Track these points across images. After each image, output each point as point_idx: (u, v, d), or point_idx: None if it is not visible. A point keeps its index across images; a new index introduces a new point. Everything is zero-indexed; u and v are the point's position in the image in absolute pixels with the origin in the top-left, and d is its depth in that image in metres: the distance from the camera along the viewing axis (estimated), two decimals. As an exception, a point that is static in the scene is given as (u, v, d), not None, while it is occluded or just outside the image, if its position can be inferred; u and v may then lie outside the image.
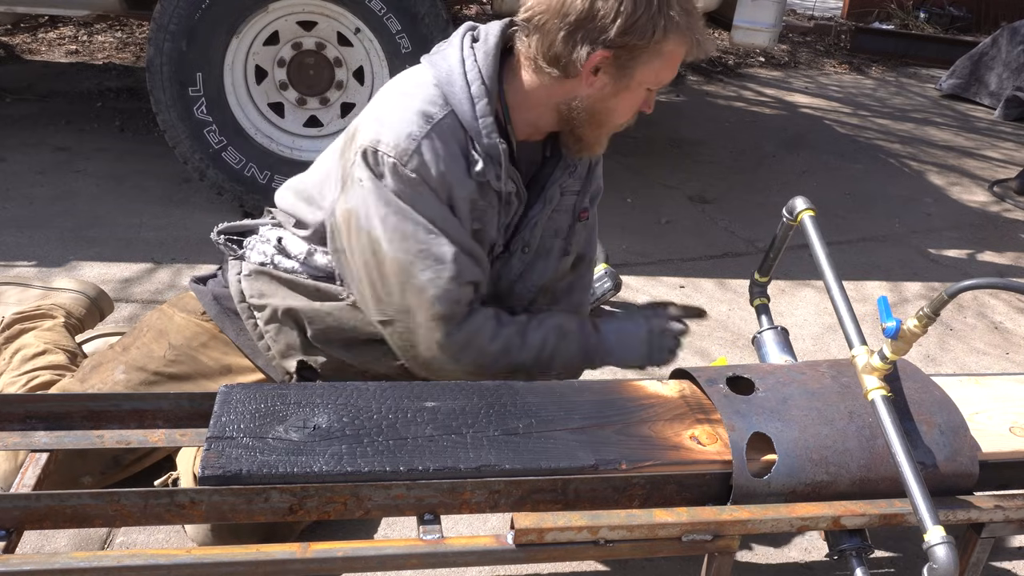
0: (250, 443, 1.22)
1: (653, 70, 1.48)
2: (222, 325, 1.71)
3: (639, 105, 1.55)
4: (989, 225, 3.96)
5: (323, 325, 1.62)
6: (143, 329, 1.75)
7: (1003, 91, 6.10)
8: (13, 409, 1.36)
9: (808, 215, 1.56)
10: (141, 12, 3.19)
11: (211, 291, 1.75)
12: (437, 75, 1.50)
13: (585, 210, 1.73)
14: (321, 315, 1.61)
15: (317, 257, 1.64)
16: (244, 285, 1.67)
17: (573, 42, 1.43)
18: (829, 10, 9.33)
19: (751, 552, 1.78)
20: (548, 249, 1.67)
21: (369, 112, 1.52)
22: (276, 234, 1.69)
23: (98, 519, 1.16)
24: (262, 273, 1.66)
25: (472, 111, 1.47)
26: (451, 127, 1.47)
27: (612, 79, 1.48)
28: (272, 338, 1.65)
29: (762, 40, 3.45)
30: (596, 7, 1.40)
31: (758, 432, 1.31)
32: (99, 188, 3.37)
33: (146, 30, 4.11)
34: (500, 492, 1.23)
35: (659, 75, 1.50)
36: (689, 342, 2.62)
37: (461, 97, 1.47)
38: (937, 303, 1.26)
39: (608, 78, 1.48)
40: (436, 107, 1.47)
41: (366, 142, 1.46)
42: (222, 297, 1.73)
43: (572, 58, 1.44)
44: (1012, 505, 1.34)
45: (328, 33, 3.07)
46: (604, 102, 1.51)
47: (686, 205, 3.80)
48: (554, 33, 1.44)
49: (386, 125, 1.46)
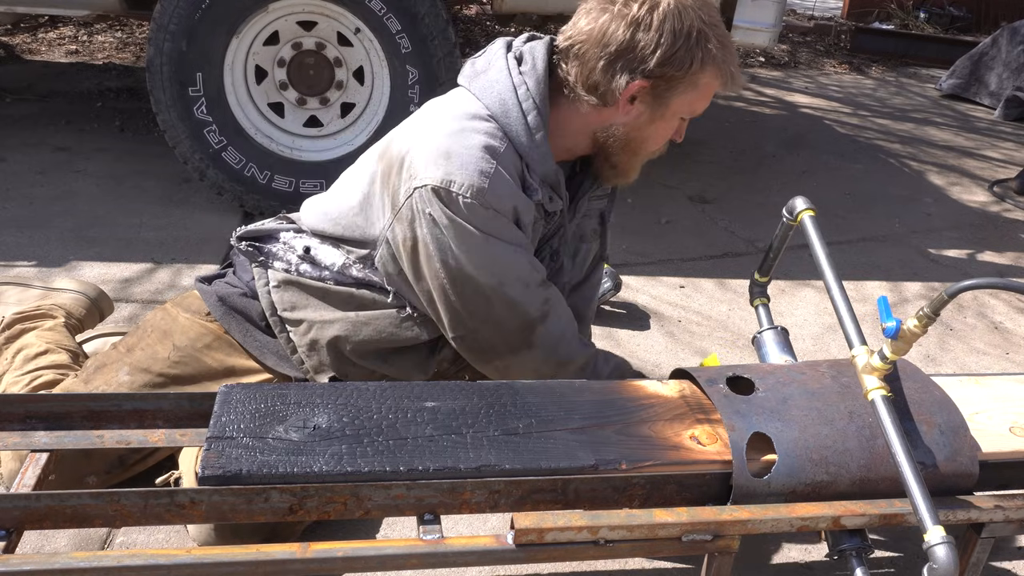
0: (250, 443, 1.22)
1: (688, 100, 1.53)
2: (228, 326, 1.71)
3: (672, 134, 1.60)
4: (989, 225, 3.96)
5: (360, 337, 1.63)
6: (147, 329, 1.75)
7: (1003, 91, 6.10)
8: (13, 409, 1.36)
9: (808, 215, 1.56)
10: (141, 12, 3.19)
11: (215, 292, 1.74)
12: (490, 105, 1.51)
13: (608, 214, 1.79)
14: (359, 326, 1.63)
15: (352, 270, 1.64)
16: (275, 297, 1.67)
17: (612, 71, 1.47)
18: (829, 10, 9.33)
19: (751, 552, 1.78)
20: (573, 254, 1.72)
21: (424, 146, 1.49)
22: (303, 243, 1.68)
23: (98, 519, 1.16)
24: (290, 283, 1.66)
25: (531, 140, 1.50)
26: (510, 157, 1.50)
27: (648, 108, 1.52)
28: (306, 354, 1.67)
29: (762, 40, 3.45)
30: (637, 38, 1.44)
31: (758, 432, 1.31)
32: (99, 188, 3.37)
33: (146, 30, 4.11)
34: (500, 492, 1.23)
35: (693, 105, 1.55)
36: (689, 342, 2.63)
37: (518, 128, 1.49)
38: (937, 303, 1.26)
39: (644, 107, 1.52)
40: (497, 140, 1.48)
41: (434, 181, 1.44)
42: (227, 297, 1.72)
43: (611, 87, 1.48)
44: (1012, 505, 1.34)
45: (328, 33, 3.07)
46: (639, 130, 1.55)
47: (686, 205, 3.80)
48: (594, 62, 1.47)
49: (454, 164, 1.45)
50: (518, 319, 1.55)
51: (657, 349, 2.57)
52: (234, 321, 1.71)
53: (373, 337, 1.63)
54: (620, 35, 1.44)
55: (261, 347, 1.70)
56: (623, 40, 1.44)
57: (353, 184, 1.65)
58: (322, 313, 1.65)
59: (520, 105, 1.49)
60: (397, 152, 1.54)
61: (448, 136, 1.48)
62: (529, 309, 1.55)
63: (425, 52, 3.01)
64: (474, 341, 1.58)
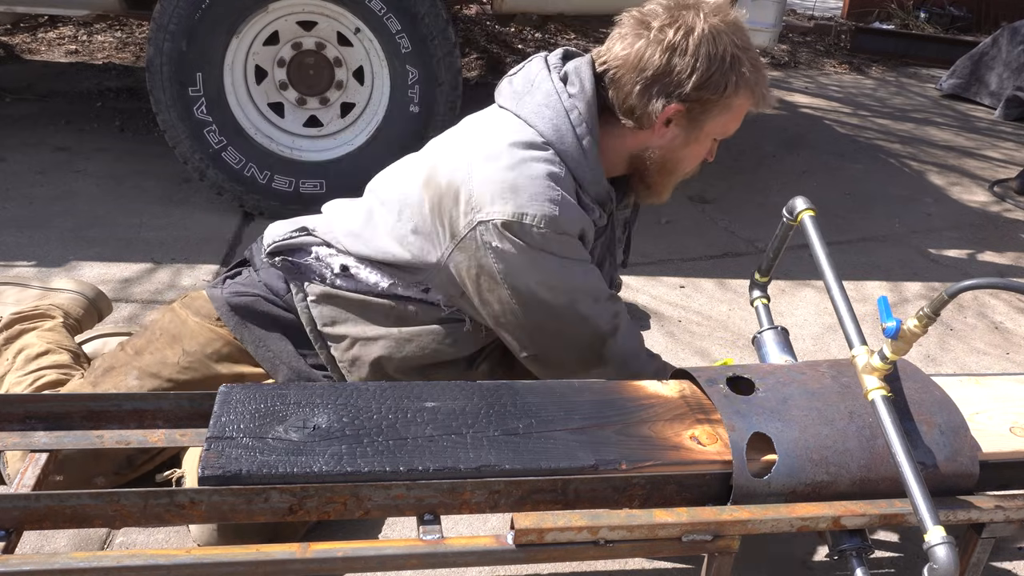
0: (250, 443, 1.22)
1: (722, 122, 1.57)
2: (241, 336, 1.70)
3: (704, 154, 1.64)
4: (989, 225, 3.96)
5: (403, 354, 1.64)
6: (156, 332, 1.74)
7: (1003, 91, 6.09)
8: (13, 409, 1.36)
9: (808, 215, 1.56)
10: (141, 12, 3.19)
11: (226, 300, 1.71)
12: (544, 132, 1.52)
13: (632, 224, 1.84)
14: (402, 344, 1.64)
15: (398, 289, 1.63)
16: (314, 312, 1.67)
17: (649, 95, 1.50)
18: (829, 10, 9.33)
19: (751, 552, 1.78)
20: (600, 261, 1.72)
21: (484, 179, 1.49)
22: (339, 261, 1.65)
23: (98, 519, 1.16)
24: (329, 296, 1.65)
25: (586, 163, 1.53)
26: (569, 181, 1.53)
27: (683, 131, 1.56)
28: (347, 368, 1.68)
29: (762, 40, 3.44)
30: (673, 63, 1.47)
31: (758, 432, 1.31)
32: (99, 188, 3.37)
33: (146, 30, 4.11)
34: (500, 492, 1.23)
35: (726, 127, 1.59)
36: (689, 342, 2.63)
37: (574, 153, 1.52)
38: (937, 303, 1.26)
39: (680, 130, 1.56)
40: (556, 166, 1.51)
41: (505, 216, 1.46)
42: (242, 305, 1.70)
43: (647, 110, 1.51)
44: (1012, 505, 1.34)
45: (328, 33, 3.07)
46: (674, 152, 1.59)
47: (686, 205, 3.80)
48: (630, 86, 1.51)
49: (523, 197, 1.46)
50: (589, 334, 1.59)
51: (657, 349, 2.57)
52: (247, 332, 1.70)
53: (416, 354, 1.65)
54: (656, 60, 1.48)
55: (273, 358, 1.69)
56: (659, 65, 1.48)
57: (393, 207, 1.62)
58: (364, 329, 1.65)
59: (574, 130, 1.52)
60: (448, 182, 1.53)
61: (509, 169, 1.48)
62: (600, 323, 1.58)
63: (425, 52, 3.01)
64: (546, 359, 1.62)
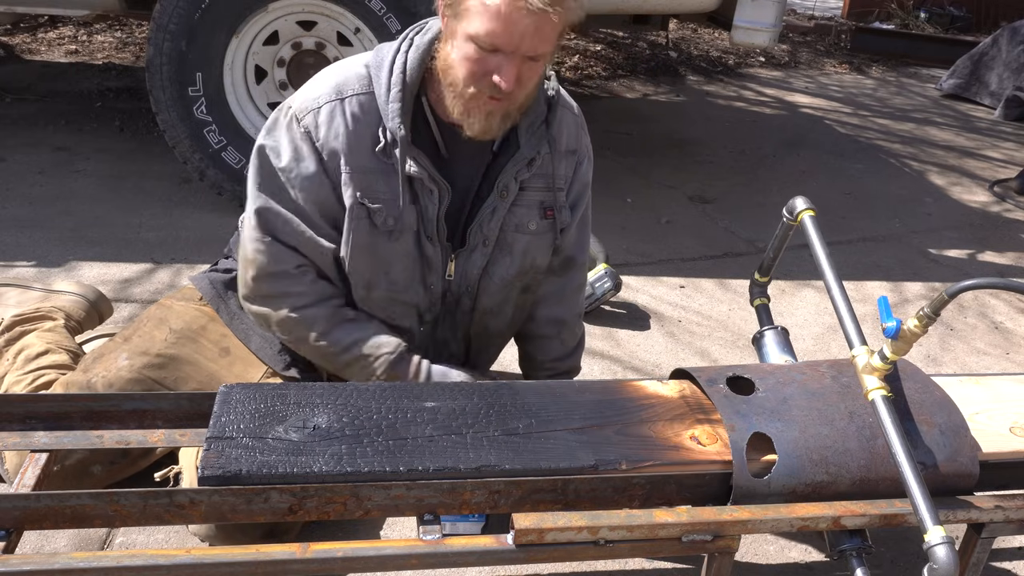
0: (250, 443, 1.22)
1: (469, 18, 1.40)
2: (217, 308, 1.76)
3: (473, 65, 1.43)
4: (989, 225, 3.96)
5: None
6: (143, 320, 1.80)
7: (1003, 91, 6.09)
8: (13, 409, 1.36)
9: (808, 215, 1.55)
10: (141, 12, 3.19)
11: (207, 277, 1.81)
12: (373, 60, 1.57)
13: (551, 209, 1.68)
14: None
15: None
16: None
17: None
18: (829, 10, 9.32)
19: (751, 552, 1.78)
20: (510, 244, 1.66)
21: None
22: None
23: (98, 519, 1.16)
24: None
25: (386, 96, 1.52)
26: (365, 106, 1.54)
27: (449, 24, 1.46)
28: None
29: (762, 40, 3.44)
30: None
31: (758, 432, 1.31)
32: (99, 188, 3.36)
33: (146, 30, 4.11)
34: (500, 492, 1.23)
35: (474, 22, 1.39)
36: (689, 342, 2.63)
37: (383, 82, 1.53)
38: (937, 303, 1.26)
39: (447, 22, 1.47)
40: (357, 85, 1.55)
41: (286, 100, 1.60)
42: (217, 282, 1.78)
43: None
44: (1012, 505, 1.34)
45: (328, 33, 3.07)
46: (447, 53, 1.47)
47: (686, 205, 3.79)
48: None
49: (305, 90, 1.58)
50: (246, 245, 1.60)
51: (657, 349, 2.57)
52: (223, 304, 1.76)
53: None
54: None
55: (247, 330, 1.74)
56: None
57: None
58: None
59: (392, 64, 1.53)
60: None
61: (324, 71, 1.61)
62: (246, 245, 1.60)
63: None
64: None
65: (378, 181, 1.54)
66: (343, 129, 1.52)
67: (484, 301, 1.70)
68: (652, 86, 5.92)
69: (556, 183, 1.67)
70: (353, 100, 1.53)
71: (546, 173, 1.66)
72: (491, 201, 1.61)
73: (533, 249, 1.69)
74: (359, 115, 1.53)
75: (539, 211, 1.67)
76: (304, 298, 1.58)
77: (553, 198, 1.68)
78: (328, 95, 1.54)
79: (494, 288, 1.69)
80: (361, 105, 1.53)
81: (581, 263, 1.84)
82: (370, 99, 1.53)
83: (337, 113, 1.52)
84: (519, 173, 1.62)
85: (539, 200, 1.67)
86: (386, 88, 1.52)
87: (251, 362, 1.73)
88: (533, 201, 1.66)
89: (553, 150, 1.64)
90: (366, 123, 1.53)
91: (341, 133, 1.52)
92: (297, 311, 1.58)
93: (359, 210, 1.54)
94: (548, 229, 1.69)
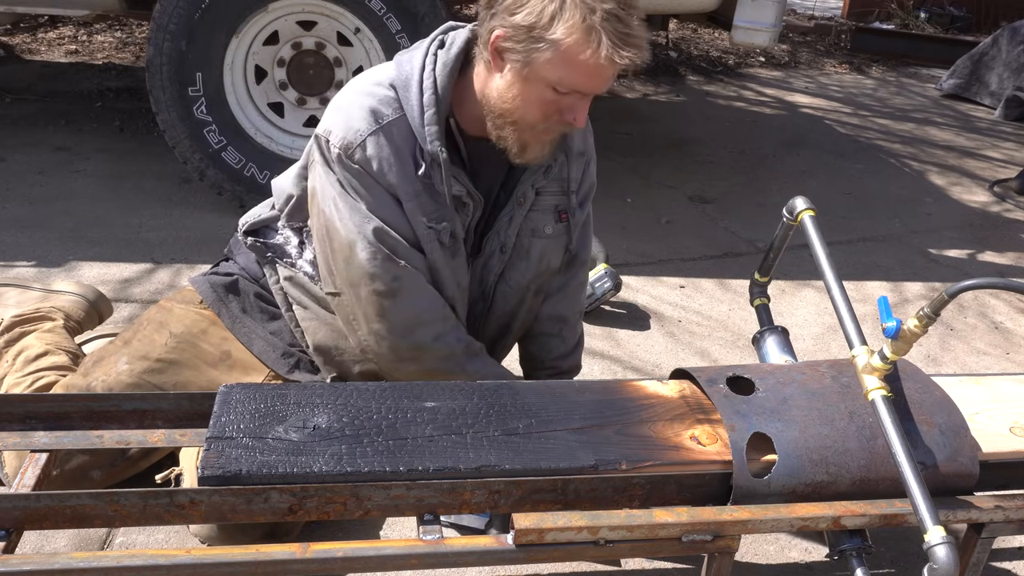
0: (250, 443, 1.22)
1: (552, 66, 1.38)
2: (218, 311, 1.75)
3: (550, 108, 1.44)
4: (989, 225, 3.96)
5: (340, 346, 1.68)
6: (143, 323, 1.79)
7: (1003, 91, 6.09)
8: (13, 409, 1.36)
9: (808, 215, 1.55)
10: (141, 12, 3.19)
11: (208, 280, 1.79)
12: (398, 79, 1.53)
13: (565, 212, 1.70)
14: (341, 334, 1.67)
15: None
16: (288, 290, 1.73)
17: (487, 16, 1.44)
18: (829, 10, 9.32)
19: (751, 552, 1.78)
20: (527, 248, 1.67)
21: (333, 101, 1.58)
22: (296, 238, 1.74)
23: (98, 519, 1.16)
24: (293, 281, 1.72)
25: (420, 119, 1.50)
26: (403, 131, 1.51)
27: (514, 68, 1.42)
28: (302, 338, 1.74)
29: (762, 40, 3.44)
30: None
31: (758, 432, 1.31)
32: (99, 188, 3.36)
33: (146, 30, 4.11)
34: (500, 492, 1.23)
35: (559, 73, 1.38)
36: (689, 342, 2.62)
37: (413, 104, 1.50)
38: (937, 303, 1.26)
39: (511, 65, 1.42)
40: (389, 109, 1.51)
41: (320, 130, 1.55)
42: (218, 286, 1.77)
43: (483, 30, 1.45)
44: (1012, 505, 1.34)
45: (328, 33, 3.07)
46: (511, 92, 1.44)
47: (686, 205, 3.79)
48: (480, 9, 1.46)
49: (340, 117, 1.53)
50: (368, 287, 1.54)
51: (657, 349, 2.57)
52: (224, 308, 1.76)
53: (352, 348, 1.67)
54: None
55: (249, 333, 1.74)
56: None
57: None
58: (318, 312, 1.70)
59: (421, 83, 1.50)
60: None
61: (350, 95, 1.55)
62: (377, 281, 1.53)
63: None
64: (340, 303, 1.61)
65: (428, 203, 1.54)
66: (392, 160, 1.50)
67: (499, 306, 1.71)
68: (652, 86, 5.92)
69: (570, 186, 1.69)
70: (390, 128, 1.50)
71: (561, 178, 1.68)
72: (508, 209, 1.63)
73: (549, 253, 1.71)
74: (399, 143, 1.50)
75: (554, 215, 1.69)
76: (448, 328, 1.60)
77: (567, 201, 1.70)
78: (368, 126, 1.50)
79: (510, 293, 1.70)
80: (399, 131, 1.51)
81: (584, 260, 1.86)
82: (403, 121, 1.51)
83: (382, 144, 1.50)
84: (536, 180, 1.63)
85: (554, 204, 1.69)
86: (419, 110, 1.49)
87: (252, 367, 1.74)
88: (548, 206, 1.68)
89: (568, 156, 1.67)
90: (407, 149, 1.51)
91: (392, 165, 1.50)
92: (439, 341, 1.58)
93: (429, 233, 1.55)
94: (563, 232, 1.71)
